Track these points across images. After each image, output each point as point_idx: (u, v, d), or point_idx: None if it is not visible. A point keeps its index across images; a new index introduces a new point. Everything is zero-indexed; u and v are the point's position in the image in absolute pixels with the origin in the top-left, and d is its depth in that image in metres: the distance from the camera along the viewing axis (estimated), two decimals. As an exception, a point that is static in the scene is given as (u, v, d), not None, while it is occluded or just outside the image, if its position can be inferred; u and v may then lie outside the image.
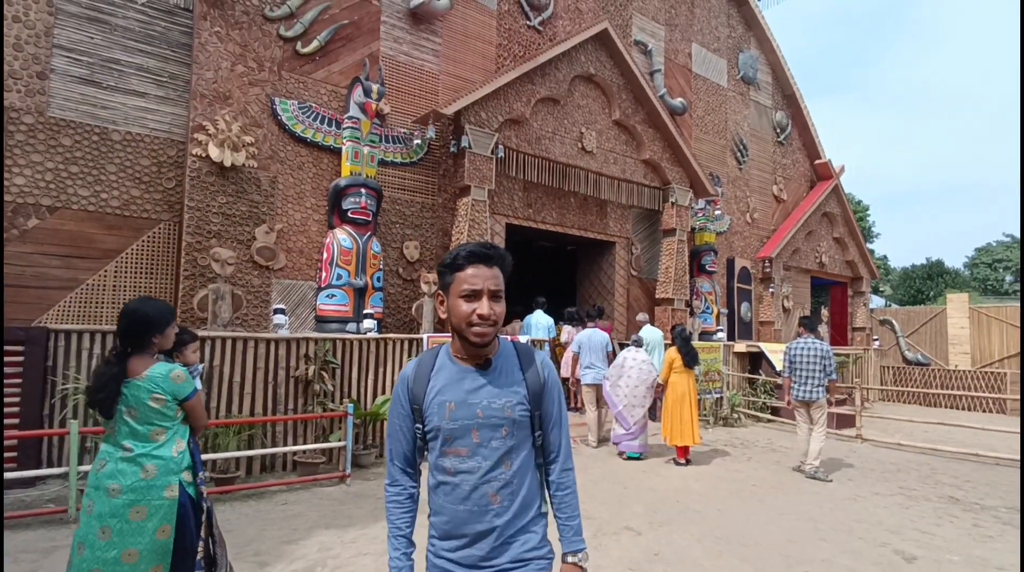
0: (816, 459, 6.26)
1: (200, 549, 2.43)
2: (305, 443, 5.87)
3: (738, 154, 12.82)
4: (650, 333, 8.41)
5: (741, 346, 10.80)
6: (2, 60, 5.51)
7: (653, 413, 7.37)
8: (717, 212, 11.45)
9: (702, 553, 4.07)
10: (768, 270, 12.59)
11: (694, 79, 12.01)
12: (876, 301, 21.82)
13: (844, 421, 9.28)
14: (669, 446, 6.87)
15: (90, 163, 5.99)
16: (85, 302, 5.94)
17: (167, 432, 2.42)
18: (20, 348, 5.13)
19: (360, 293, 6.83)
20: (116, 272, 6.11)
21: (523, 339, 7.57)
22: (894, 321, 16.15)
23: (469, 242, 1.56)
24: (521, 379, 1.60)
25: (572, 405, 8.95)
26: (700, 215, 11.20)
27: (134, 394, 2.36)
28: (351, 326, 6.67)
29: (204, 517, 2.48)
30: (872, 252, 30.18)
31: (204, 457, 5.26)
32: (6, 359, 5.07)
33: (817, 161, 14.55)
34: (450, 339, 1.62)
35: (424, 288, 7.48)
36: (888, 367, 14.91)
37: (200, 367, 3.28)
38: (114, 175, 6.11)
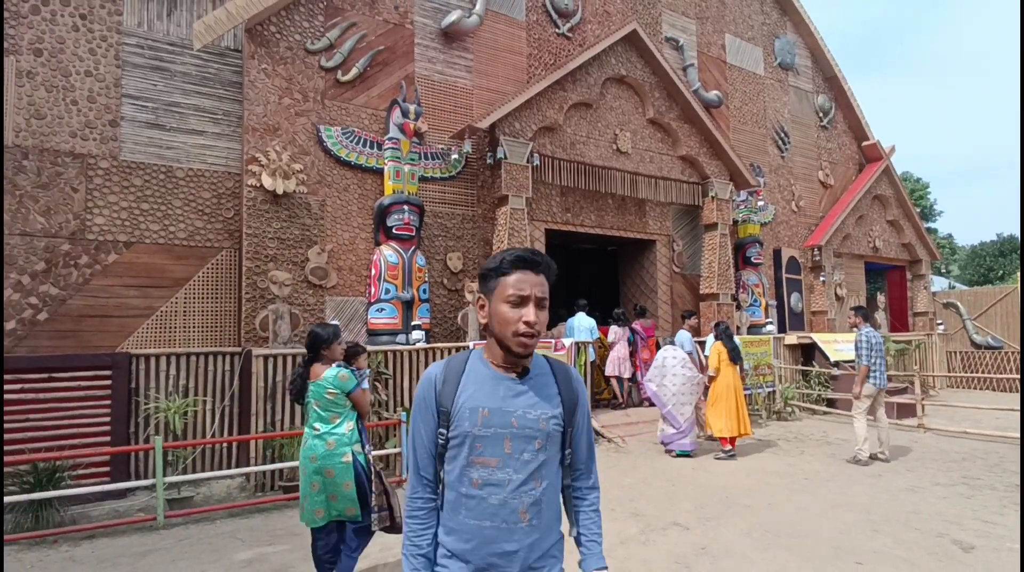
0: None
1: (374, 499, 3.37)
2: (364, 450, 6.21)
3: (779, 142, 12.57)
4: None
5: (792, 338, 10.60)
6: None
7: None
8: (760, 203, 11.26)
9: (750, 546, 4.13)
10: (818, 258, 12.27)
11: (729, 70, 11.87)
12: (939, 283, 20.71)
13: (904, 410, 8.98)
14: (715, 437, 6.91)
15: (159, 200, 6.53)
16: (160, 328, 6.47)
17: (341, 416, 3.39)
18: (108, 372, 5.68)
19: (408, 306, 7.14)
20: (186, 298, 6.62)
21: (567, 342, 7.73)
22: (959, 304, 15.38)
23: (514, 247, 1.53)
24: (557, 393, 1.55)
25: (621, 402, 9.08)
26: (742, 207, 11.06)
27: (317, 391, 3.37)
28: (401, 338, 6.98)
29: (375, 477, 3.41)
30: (934, 232, 28.71)
31: (273, 466, 5.67)
32: (97, 383, 5.63)
33: (865, 143, 14.06)
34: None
35: (468, 297, 7.75)
36: (955, 352, 14.25)
37: (367, 371, 4.18)
38: (180, 209, 6.63)
